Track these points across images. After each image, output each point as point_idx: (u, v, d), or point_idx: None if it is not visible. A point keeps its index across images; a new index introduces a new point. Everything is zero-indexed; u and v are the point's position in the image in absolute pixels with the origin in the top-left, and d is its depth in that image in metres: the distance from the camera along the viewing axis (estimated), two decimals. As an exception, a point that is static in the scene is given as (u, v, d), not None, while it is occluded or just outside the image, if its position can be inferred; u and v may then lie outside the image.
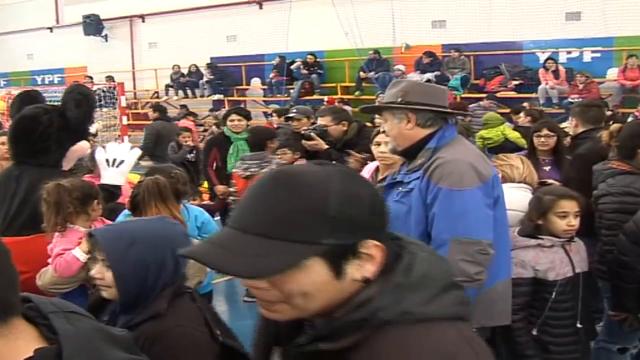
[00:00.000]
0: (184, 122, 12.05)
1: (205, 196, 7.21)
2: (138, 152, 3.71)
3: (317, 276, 0.99)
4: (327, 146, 5.02)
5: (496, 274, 2.60)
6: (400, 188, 2.67)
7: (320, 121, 5.49)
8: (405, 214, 2.57)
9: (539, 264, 3.02)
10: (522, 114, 9.31)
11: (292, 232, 0.96)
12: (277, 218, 0.97)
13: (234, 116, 6.55)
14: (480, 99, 13.07)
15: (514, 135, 8.78)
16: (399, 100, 2.67)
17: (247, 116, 6.69)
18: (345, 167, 1.09)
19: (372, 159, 4.00)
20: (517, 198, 3.25)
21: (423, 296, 1.03)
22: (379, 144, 3.70)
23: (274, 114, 12.62)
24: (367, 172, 3.94)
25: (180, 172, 3.36)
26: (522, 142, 7.84)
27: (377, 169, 3.87)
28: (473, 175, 2.46)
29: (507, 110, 11.21)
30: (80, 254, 2.93)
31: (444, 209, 2.45)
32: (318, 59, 16.75)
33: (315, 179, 1.00)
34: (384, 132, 3.58)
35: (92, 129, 8.42)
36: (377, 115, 5.82)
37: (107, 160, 3.59)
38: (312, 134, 5.11)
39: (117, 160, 3.58)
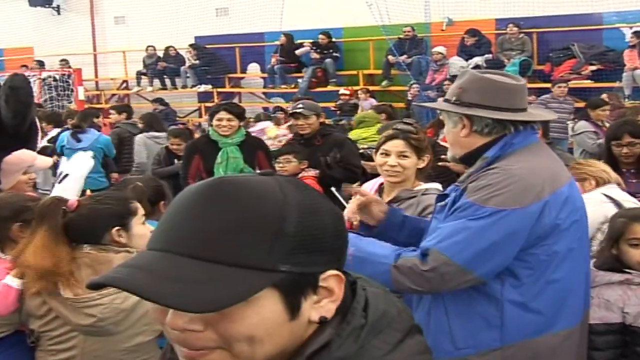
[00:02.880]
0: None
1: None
2: (90, 164, 3.74)
3: (269, 314, 1.00)
4: None
5: (551, 321, 2.63)
6: (442, 201, 2.76)
7: (304, 121, 5.67)
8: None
9: (628, 306, 3.05)
10: (605, 109, 8.99)
11: (240, 253, 0.98)
12: (221, 236, 0.98)
13: (222, 114, 6.50)
14: (546, 90, 12.95)
15: None
16: (454, 99, 2.73)
17: (239, 115, 6.65)
18: (296, 179, 1.13)
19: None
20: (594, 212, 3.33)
21: (387, 341, 1.07)
22: (387, 154, 3.69)
23: (278, 113, 12.79)
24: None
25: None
26: None
27: (380, 188, 3.85)
28: (514, 193, 2.50)
29: (582, 104, 11.15)
30: (12, 280, 2.98)
31: (450, 219, 2.53)
32: (334, 39, 16.86)
33: (267, 189, 1.03)
34: (392, 137, 3.67)
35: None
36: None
37: (60, 174, 3.69)
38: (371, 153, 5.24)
39: (62, 174, 3.62)
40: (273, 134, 10.44)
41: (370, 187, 3.96)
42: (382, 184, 3.84)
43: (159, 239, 1.03)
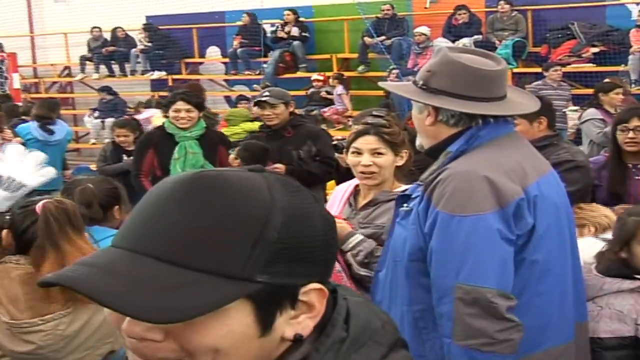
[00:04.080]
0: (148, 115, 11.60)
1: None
2: (50, 174, 3.72)
3: (238, 327, 1.01)
4: None
5: (540, 339, 2.66)
6: (405, 205, 2.79)
7: (271, 111, 5.92)
8: (403, 243, 2.70)
9: (642, 317, 3.07)
10: (619, 92, 8.83)
11: (214, 259, 0.98)
12: (194, 237, 0.99)
13: (180, 104, 6.56)
14: (541, 75, 13.06)
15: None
16: (420, 83, 2.75)
17: (199, 105, 6.73)
18: (287, 177, 1.14)
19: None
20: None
21: (370, 355, 1.10)
22: (359, 153, 3.63)
23: (242, 102, 12.71)
24: (339, 195, 3.87)
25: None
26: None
27: (355, 191, 3.80)
28: (485, 195, 2.55)
29: (584, 91, 11.19)
30: None
31: (442, 242, 2.57)
32: (302, 19, 16.84)
33: (253, 187, 1.04)
34: (362, 132, 3.65)
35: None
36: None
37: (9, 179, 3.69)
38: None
39: (15, 184, 3.59)
40: (159, 122, 10.90)
41: (344, 190, 3.90)
42: (357, 185, 3.79)
43: (125, 236, 1.04)
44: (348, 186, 3.89)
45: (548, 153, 4.64)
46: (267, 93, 6.50)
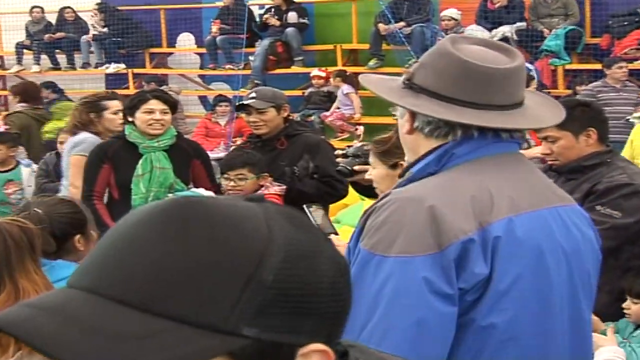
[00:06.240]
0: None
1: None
2: None
3: None
4: None
5: None
6: None
7: (258, 117, 6.08)
8: None
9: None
10: None
11: (191, 305, 1.00)
12: (167, 277, 1.01)
13: (153, 104, 6.55)
14: (601, 73, 12.96)
15: None
16: (403, 78, 2.73)
17: (174, 106, 6.79)
18: (292, 210, 1.17)
19: None
20: None
21: None
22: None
23: (222, 104, 12.55)
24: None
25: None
26: None
27: None
28: (420, 232, 2.47)
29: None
30: None
31: (355, 287, 2.47)
32: (299, 1, 16.87)
33: (245, 219, 1.07)
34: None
35: None
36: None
37: None
38: (352, 165, 5.21)
39: None
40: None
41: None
42: None
43: (84, 274, 1.06)
44: None
45: (599, 175, 4.62)
46: (253, 94, 6.49)
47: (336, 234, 4.45)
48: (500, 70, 2.63)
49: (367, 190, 5.30)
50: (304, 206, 4.70)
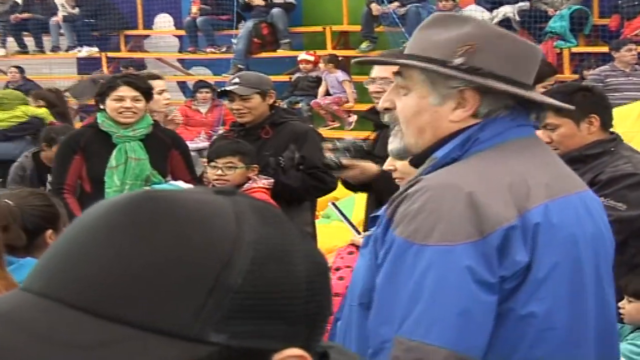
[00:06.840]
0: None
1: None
2: None
3: None
4: (376, 168, 5.13)
5: None
6: (371, 229, 2.87)
7: (241, 104, 6.05)
8: (358, 280, 2.81)
9: None
10: None
11: (152, 309, 0.99)
12: (127, 280, 1.00)
13: (124, 90, 6.50)
14: (609, 57, 13.03)
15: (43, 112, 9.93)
16: (458, 61, 2.64)
17: (147, 93, 6.68)
18: (267, 204, 1.16)
19: None
20: None
21: None
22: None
23: (202, 90, 12.53)
24: None
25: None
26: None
27: None
28: (462, 219, 2.52)
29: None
30: None
31: (390, 276, 2.57)
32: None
33: (213, 214, 1.05)
34: None
35: None
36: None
37: None
38: (341, 159, 5.28)
39: None
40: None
41: None
42: None
43: (37, 276, 1.05)
44: None
45: (602, 164, 4.61)
46: (236, 80, 6.49)
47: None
48: (539, 51, 2.78)
49: (357, 187, 5.36)
50: (329, 203, 4.72)
